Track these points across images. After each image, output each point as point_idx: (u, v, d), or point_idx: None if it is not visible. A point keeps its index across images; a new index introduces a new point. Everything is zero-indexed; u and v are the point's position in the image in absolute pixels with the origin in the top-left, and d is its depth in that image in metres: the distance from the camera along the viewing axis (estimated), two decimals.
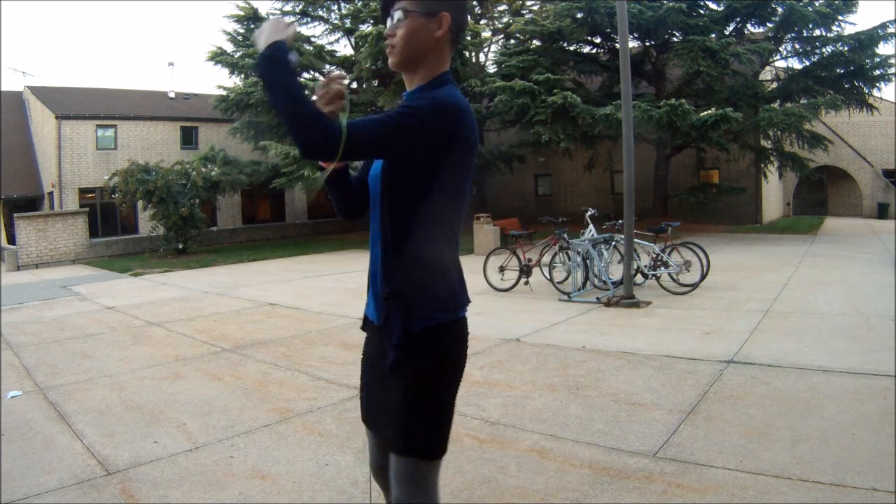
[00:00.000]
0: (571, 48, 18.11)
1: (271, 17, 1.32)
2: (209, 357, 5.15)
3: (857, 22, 75.06)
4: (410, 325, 1.38)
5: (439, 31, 1.44)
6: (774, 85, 17.27)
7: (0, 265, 17.46)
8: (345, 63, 19.21)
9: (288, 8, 19.78)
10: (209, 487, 2.69)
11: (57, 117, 18.87)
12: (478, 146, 1.51)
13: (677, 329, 5.45)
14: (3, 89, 23.35)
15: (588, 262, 7.53)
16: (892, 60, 14.86)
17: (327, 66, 19.93)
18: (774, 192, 22.49)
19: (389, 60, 1.47)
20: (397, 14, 1.43)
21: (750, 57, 14.59)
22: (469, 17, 18.97)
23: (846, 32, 15.01)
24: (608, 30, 16.62)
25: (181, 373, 4.66)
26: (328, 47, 19.77)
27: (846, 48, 14.83)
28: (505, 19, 21.15)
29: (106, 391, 4.24)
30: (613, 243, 7.72)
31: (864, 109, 15.94)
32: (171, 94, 24.26)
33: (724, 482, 2.52)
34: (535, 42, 17.64)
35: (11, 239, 18.39)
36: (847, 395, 3.50)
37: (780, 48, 16.50)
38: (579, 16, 16.26)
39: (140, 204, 16.83)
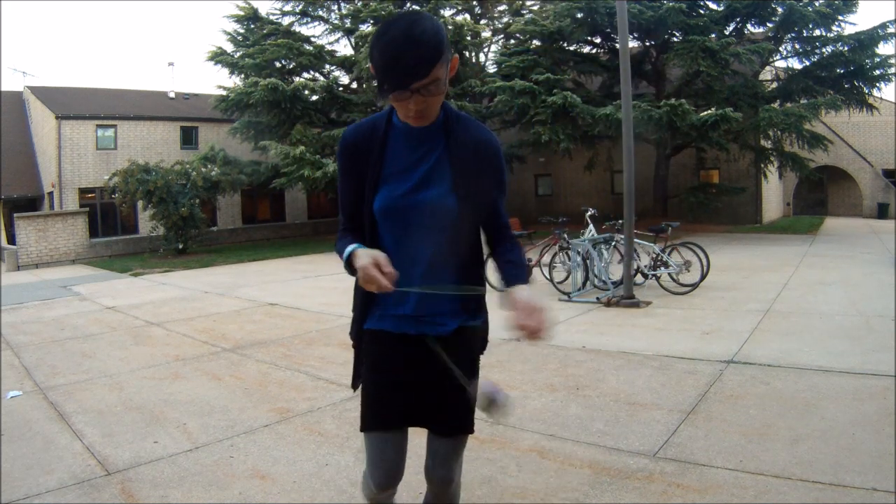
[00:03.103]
0: (571, 48, 18.11)
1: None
2: (209, 357, 5.15)
3: (857, 22, 75.21)
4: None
5: (450, 73, 1.43)
6: (774, 85, 17.27)
7: (0, 265, 17.46)
8: (345, 63, 19.22)
9: (288, 8, 19.80)
10: (209, 487, 2.69)
11: (57, 117, 18.87)
12: None
13: (677, 329, 5.45)
14: (3, 89, 23.39)
15: (588, 262, 7.53)
16: (892, 60, 14.86)
17: (327, 66, 19.95)
18: (774, 192, 22.50)
19: (417, 122, 1.44)
20: (433, 88, 1.35)
21: (750, 57, 14.59)
22: (469, 16, 18.91)
23: (846, 32, 15.02)
24: (608, 30, 16.63)
25: (181, 373, 4.66)
26: (328, 47, 19.77)
27: (846, 48, 14.83)
28: (505, 19, 21.15)
29: (106, 391, 4.24)
30: (613, 243, 7.72)
31: (864, 109, 15.95)
32: (171, 94, 24.27)
33: (724, 482, 2.52)
34: (535, 42, 17.65)
35: (11, 239, 18.40)
36: (847, 395, 3.50)
37: (780, 48, 16.50)
38: (579, 16, 16.26)
39: (140, 204, 16.84)
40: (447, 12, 18.90)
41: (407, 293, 1.51)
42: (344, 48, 20.18)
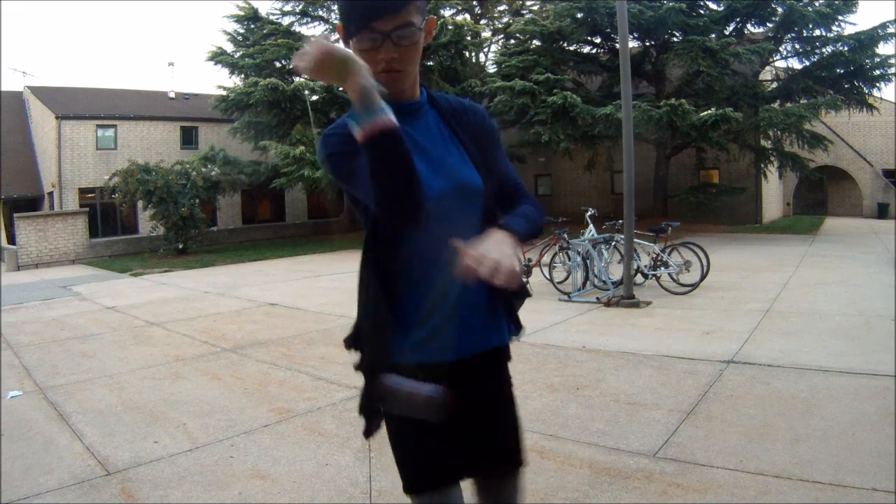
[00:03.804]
0: (571, 48, 18.11)
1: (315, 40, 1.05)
2: (209, 357, 5.15)
3: (857, 22, 75.17)
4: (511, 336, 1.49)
5: (427, 38, 1.25)
6: (774, 85, 17.28)
7: (0, 265, 17.46)
8: None
9: (288, 8, 19.82)
10: (209, 487, 2.69)
11: (57, 117, 18.88)
12: None
13: (677, 329, 5.45)
14: (3, 89, 23.36)
15: (588, 262, 7.53)
16: (892, 60, 14.86)
17: None
18: (774, 192, 22.50)
19: (389, 87, 1.16)
20: (406, 34, 1.16)
21: (750, 57, 14.60)
22: (468, 16, 18.89)
23: (846, 32, 15.03)
24: (608, 30, 16.63)
25: (181, 373, 4.66)
26: None
27: (846, 48, 14.84)
28: (505, 19, 21.17)
29: (106, 391, 4.24)
30: (613, 243, 7.72)
31: (864, 109, 15.95)
32: (171, 94, 24.26)
33: (724, 482, 2.52)
34: (535, 42, 17.66)
35: (11, 239, 18.40)
36: (847, 395, 3.50)
37: (780, 48, 16.51)
38: (579, 16, 16.27)
39: (140, 204, 16.85)
40: (447, 12, 18.90)
41: (447, 302, 1.23)
42: None
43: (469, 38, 18.28)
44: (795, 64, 16.89)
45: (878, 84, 15.28)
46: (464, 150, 1.28)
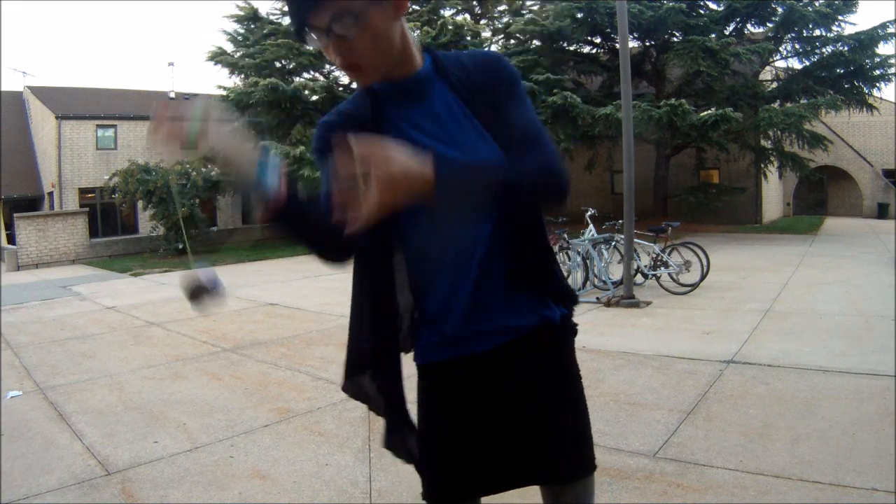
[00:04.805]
0: (571, 48, 18.12)
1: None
2: (209, 357, 5.15)
3: (857, 22, 75.23)
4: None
5: (397, 13, 1.03)
6: (774, 85, 17.28)
7: (0, 265, 17.47)
8: None
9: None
10: (209, 487, 2.69)
11: (57, 117, 18.88)
12: None
13: (677, 329, 5.45)
14: (3, 89, 23.35)
15: (588, 262, 7.53)
16: (892, 60, 14.87)
17: (327, 66, 19.94)
18: (774, 192, 22.49)
19: (357, 77, 1.07)
20: (346, 24, 0.96)
21: (750, 57, 14.60)
22: (468, 16, 18.84)
23: (846, 32, 15.04)
24: (608, 30, 16.63)
25: (181, 373, 4.66)
26: None
27: (846, 48, 14.84)
28: (505, 19, 21.14)
29: (106, 391, 4.24)
30: (613, 243, 7.72)
31: (864, 109, 15.95)
32: (171, 94, 24.26)
33: (724, 482, 2.52)
34: (535, 42, 17.65)
35: (11, 239, 18.40)
36: (847, 395, 3.50)
37: (780, 48, 16.51)
38: (579, 16, 16.27)
39: (140, 204, 16.86)
40: (447, 12, 18.90)
41: (461, 298, 1.12)
42: None
43: (469, 38, 18.27)
44: (795, 64, 16.91)
45: (878, 84, 15.29)
46: (479, 123, 1.10)
